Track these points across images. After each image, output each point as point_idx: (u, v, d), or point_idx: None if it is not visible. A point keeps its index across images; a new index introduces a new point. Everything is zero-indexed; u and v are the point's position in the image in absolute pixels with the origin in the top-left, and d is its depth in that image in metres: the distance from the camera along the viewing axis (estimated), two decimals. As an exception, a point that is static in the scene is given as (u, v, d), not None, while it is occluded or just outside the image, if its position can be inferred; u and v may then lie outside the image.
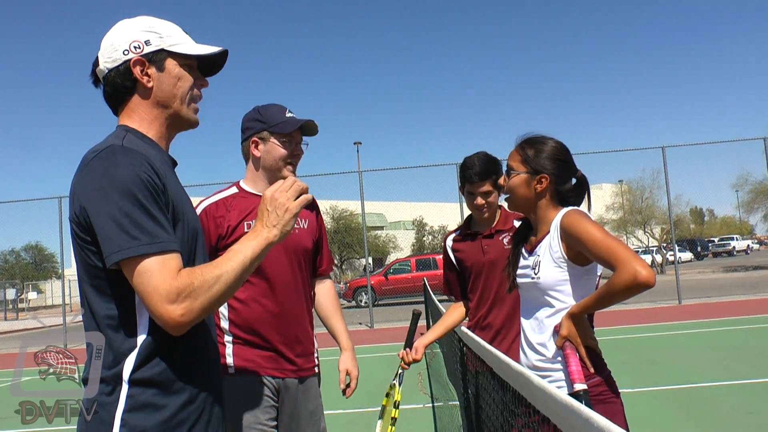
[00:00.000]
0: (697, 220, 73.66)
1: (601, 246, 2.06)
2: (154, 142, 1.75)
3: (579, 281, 2.24)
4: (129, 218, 1.49)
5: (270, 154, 2.75)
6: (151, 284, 1.47)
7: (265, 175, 2.79)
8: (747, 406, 5.94)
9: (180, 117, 1.79)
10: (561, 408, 1.09)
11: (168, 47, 1.74)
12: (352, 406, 7.06)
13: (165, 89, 1.74)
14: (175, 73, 1.75)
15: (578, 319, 2.15)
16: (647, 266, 1.95)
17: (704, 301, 16.88)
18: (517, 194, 2.43)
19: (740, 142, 18.62)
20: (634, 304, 16.48)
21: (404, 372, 3.34)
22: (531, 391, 1.28)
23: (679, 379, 7.37)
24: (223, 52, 1.83)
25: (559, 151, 2.40)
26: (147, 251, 1.48)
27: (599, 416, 0.97)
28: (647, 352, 9.24)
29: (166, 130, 1.80)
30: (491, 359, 1.83)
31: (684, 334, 11.22)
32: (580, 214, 2.23)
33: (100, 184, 1.52)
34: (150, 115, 1.75)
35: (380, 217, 56.47)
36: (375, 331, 15.78)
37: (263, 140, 2.75)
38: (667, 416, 5.76)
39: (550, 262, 2.27)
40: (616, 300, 2.05)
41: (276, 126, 2.73)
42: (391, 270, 26.19)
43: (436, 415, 6.33)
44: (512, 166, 2.44)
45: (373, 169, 18.47)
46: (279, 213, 1.68)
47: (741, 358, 8.42)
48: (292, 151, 2.77)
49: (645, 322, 13.17)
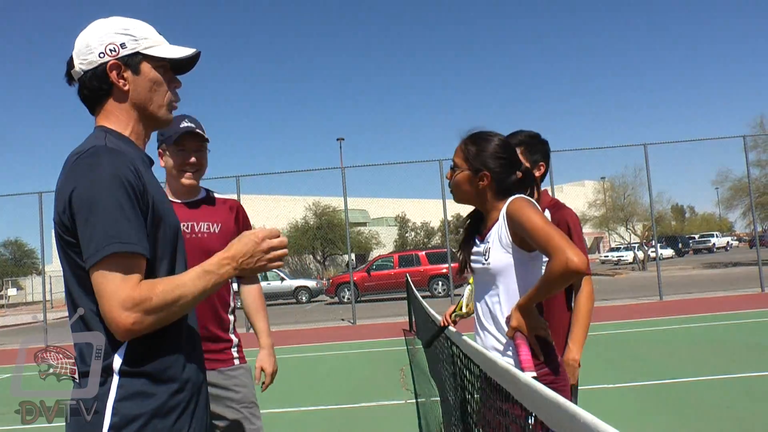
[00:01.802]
0: (678, 217, 74.47)
1: (539, 233, 2.12)
2: (132, 142, 1.76)
3: (526, 266, 2.31)
4: (108, 218, 1.50)
5: (168, 165, 2.95)
6: (111, 287, 1.49)
7: (171, 185, 2.98)
8: (725, 401, 6.00)
9: (156, 118, 1.81)
10: (548, 404, 1.08)
11: (143, 50, 1.75)
12: (333, 402, 7.07)
13: (141, 92, 1.76)
14: (150, 77, 1.77)
15: (526, 310, 2.21)
16: (580, 254, 2.01)
17: (685, 297, 17.03)
18: (461, 190, 2.51)
19: (721, 140, 18.82)
20: (616, 300, 16.63)
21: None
22: (518, 388, 1.27)
23: (659, 374, 7.43)
24: (196, 54, 1.84)
25: (500, 149, 2.45)
26: (117, 250, 1.49)
27: (586, 413, 0.97)
28: (628, 348, 9.31)
29: (142, 129, 1.81)
30: (481, 360, 1.83)
31: (665, 329, 11.32)
32: (525, 202, 2.28)
33: (83, 185, 1.53)
34: (127, 117, 1.76)
35: (363, 213, 56.43)
36: (357, 328, 15.77)
37: (164, 152, 2.96)
38: (646, 411, 5.80)
39: (499, 248, 2.34)
40: (555, 287, 2.11)
41: (167, 138, 2.91)
42: (373, 266, 26.16)
43: (420, 411, 6.33)
44: (456, 162, 2.51)
45: (356, 165, 18.42)
46: (254, 260, 1.68)
47: (720, 354, 8.51)
48: (184, 160, 2.92)
49: (626, 318, 13.28)
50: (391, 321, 16.27)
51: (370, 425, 6.17)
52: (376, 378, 8.51)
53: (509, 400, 1.39)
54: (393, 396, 7.26)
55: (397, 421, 6.16)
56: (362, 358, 10.35)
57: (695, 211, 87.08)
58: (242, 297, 3.19)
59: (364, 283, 25.26)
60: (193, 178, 2.94)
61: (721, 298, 16.18)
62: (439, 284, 24.43)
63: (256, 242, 1.67)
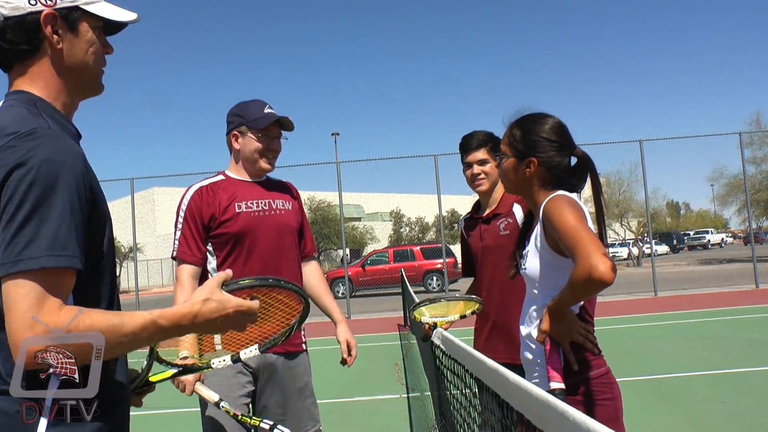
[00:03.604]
0: (673, 214, 74.67)
1: (568, 235, 1.88)
2: (64, 116, 1.51)
3: (563, 273, 1.98)
4: (56, 223, 1.27)
5: (247, 147, 2.95)
6: (25, 305, 1.23)
7: (244, 166, 3.01)
8: (719, 396, 6.03)
9: (88, 86, 1.57)
10: (535, 403, 1.05)
11: (83, 5, 1.48)
12: (329, 396, 7.03)
13: (76, 54, 1.50)
14: (87, 37, 1.51)
15: (558, 314, 1.97)
16: (607, 262, 1.76)
17: (679, 293, 17.08)
18: (508, 179, 2.27)
19: (717, 136, 18.86)
20: (610, 296, 16.64)
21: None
22: (506, 388, 1.24)
23: (654, 369, 7.44)
24: (136, 20, 1.60)
25: (550, 132, 2.17)
26: (56, 264, 1.25)
27: (575, 410, 0.93)
28: (623, 343, 9.33)
29: (71, 100, 1.55)
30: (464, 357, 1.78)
31: (659, 325, 11.34)
32: (564, 200, 2.02)
33: (20, 173, 1.27)
34: (57, 83, 1.49)
35: (357, 208, 56.44)
36: (352, 322, 15.64)
37: (242, 134, 2.96)
38: (641, 406, 5.79)
39: (535, 252, 2.14)
40: (579, 296, 1.92)
41: (252, 121, 2.93)
42: (368, 261, 26.17)
43: (411, 406, 6.31)
44: (502, 148, 2.28)
45: (351, 160, 18.46)
46: (215, 327, 1.47)
47: (714, 349, 8.54)
48: (267, 146, 2.96)
49: (621, 313, 13.29)
50: (386, 316, 16.26)
51: (364, 419, 6.15)
52: (370, 372, 8.49)
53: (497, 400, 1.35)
54: (388, 390, 7.26)
55: (391, 414, 6.15)
56: (357, 352, 10.32)
57: (690, 207, 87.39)
58: (303, 276, 3.17)
59: (359, 278, 25.26)
60: (270, 163, 3.01)
61: (715, 293, 16.22)
62: (433, 279, 24.44)
63: (226, 314, 1.44)
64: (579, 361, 2.04)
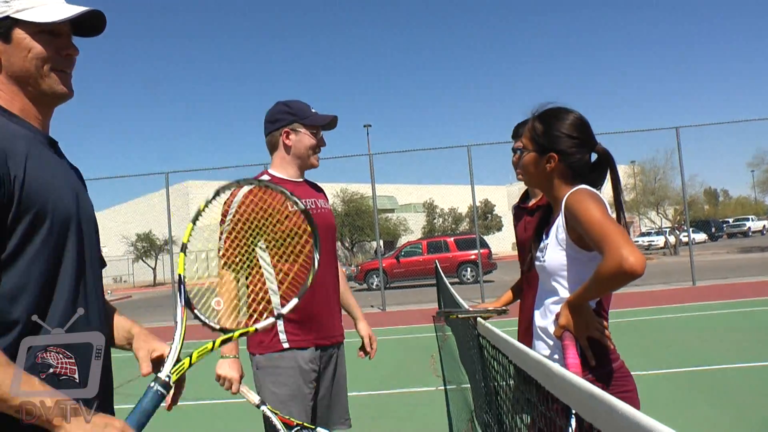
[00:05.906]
0: (711, 201, 73.21)
1: (594, 227, 1.90)
2: (21, 120, 1.52)
3: (584, 268, 2.04)
4: None
5: (301, 143, 3.04)
6: None
7: (295, 162, 3.08)
8: (763, 389, 5.88)
9: (42, 92, 1.55)
10: (583, 395, 1.05)
11: (14, 14, 1.48)
12: (365, 389, 7.08)
13: (15, 63, 1.51)
14: (24, 45, 1.50)
15: (577, 308, 1.98)
16: (637, 253, 1.77)
17: (719, 282, 16.73)
18: (528, 173, 2.30)
19: (758, 121, 18.34)
20: (647, 285, 16.42)
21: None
22: (551, 380, 1.23)
23: (694, 361, 7.32)
24: (91, 14, 1.57)
25: (572, 127, 2.19)
26: None
27: (624, 404, 0.93)
28: (661, 334, 9.18)
29: (32, 107, 1.55)
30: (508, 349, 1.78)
31: (698, 315, 11.15)
32: (586, 194, 2.05)
33: None
34: (8, 91, 1.52)
35: (391, 199, 56.56)
36: (387, 314, 15.80)
37: (294, 131, 3.04)
38: (681, 398, 5.72)
39: (555, 245, 2.15)
40: (605, 288, 1.91)
41: (307, 119, 3.03)
42: (402, 253, 26.22)
43: (449, 398, 6.32)
44: (523, 143, 2.30)
45: (384, 152, 18.45)
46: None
47: (756, 340, 8.33)
48: (319, 143, 3.09)
49: (658, 303, 13.11)
50: (421, 307, 16.28)
51: (402, 412, 6.19)
52: (406, 364, 8.52)
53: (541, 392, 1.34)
54: (424, 383, 7.28)
55: (428, 407, 6.17)
56: (393, 344, 10.37)
57: (729, 194, 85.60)
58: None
59: (393, 269, 25.33)
60: (318, 159, 3.13)
61: (756, 282, 15.82)
62: (468, 270, 24.40)
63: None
64: (596, 356, 2.04)
